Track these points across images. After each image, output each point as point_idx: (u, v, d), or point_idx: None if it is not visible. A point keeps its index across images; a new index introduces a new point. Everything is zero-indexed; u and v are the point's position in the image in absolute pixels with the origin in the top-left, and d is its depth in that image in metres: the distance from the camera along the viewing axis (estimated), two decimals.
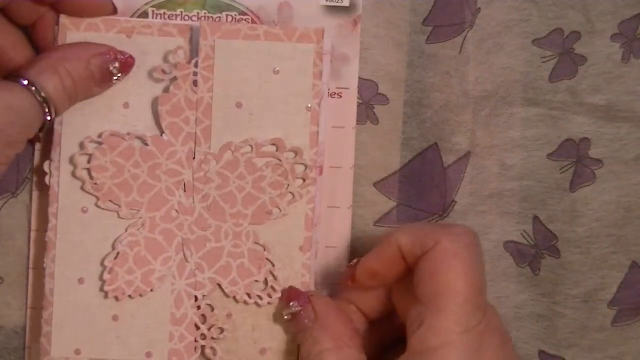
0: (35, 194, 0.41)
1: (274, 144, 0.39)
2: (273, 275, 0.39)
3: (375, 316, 0.39)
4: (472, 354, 0.33)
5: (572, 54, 0.43)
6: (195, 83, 0.39)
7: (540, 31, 0.42)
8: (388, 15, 0.41)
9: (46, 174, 0.39)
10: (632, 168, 0.43)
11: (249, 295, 0.39)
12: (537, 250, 0.43)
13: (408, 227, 0.37)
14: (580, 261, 0.43)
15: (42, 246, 0.40)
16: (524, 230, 0.43)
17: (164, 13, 0.40)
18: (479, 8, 0.42)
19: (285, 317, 0.38)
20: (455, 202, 0.43)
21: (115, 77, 0.38)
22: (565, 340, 0.43)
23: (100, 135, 0.39)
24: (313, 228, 0.40)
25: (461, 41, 0.42)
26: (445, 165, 0.42)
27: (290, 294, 0.38)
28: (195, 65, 0.39)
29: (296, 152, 0.39)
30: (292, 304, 0.37)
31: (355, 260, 0.38)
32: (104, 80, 0.38)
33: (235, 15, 0.41)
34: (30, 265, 0.41)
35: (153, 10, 0.40)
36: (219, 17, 0.41)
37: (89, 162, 0.39)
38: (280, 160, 0.39)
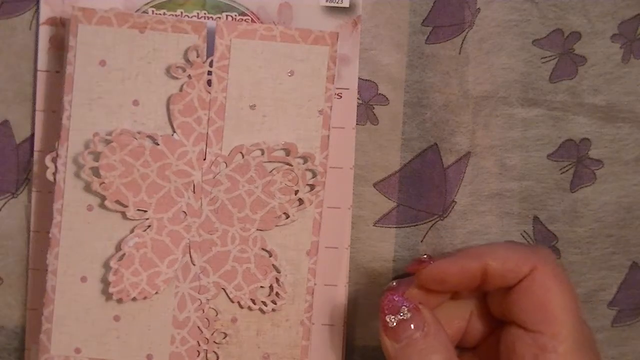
0: (35, 194, 0.41)
1: (285, 149, 0.39)
2: (278, 282, 0.39)
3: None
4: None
5: (572, 55, 0.43)
6: (209, 83, 0.39)
7: (541, 32, 0.42)
8: (388, 15, 0.41)
9: (47, 168, 0.39)
10: (633, 169, 0.43)
11: (253, 301, 0.39)
12: None
13: (498, 249, 0.36)
14: (580, 262, 0.43)
15: (42, 247, 0.40)
16: (524, 231, 0.43)
17: (164, 14, 0.40)
18: (479, 8, 0.42)
19: (391, 324, 0.34)
20: (455, 202, 0.42)
21: None
22: None
23: (109, 133, 0.38)
24: (320, 232, 0.39)
25: (461, 41, 0.42)
26: (445, 165, 0.42)
27: (391, 300, 0.35)
28: (210, 65, 0.39)
29: (307, 158, 0.39)
30: (403, 310, 0.34)
31: (425, 256, 0.36)
32: None
33: (235, 15, 0.41)
34: (30, 266, 0.41)
35: (153, 10, 0.40)
36: (219, 17, 0.41)
37: (97, 160, 0.38)
38: (291, 165, 0.39)
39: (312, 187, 0.39)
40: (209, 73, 0.39)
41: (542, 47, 0.42)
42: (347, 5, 0.41)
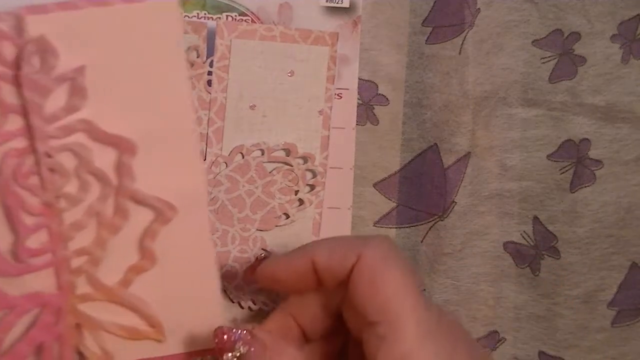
0: None
1: (285, 149, 0.39)
2: None
3: (315, 335, 0.35)
4: (445, 348, 0.31)
5: (572, 55, 0.43)
6: (209, 83, 0.39)
7: (540, 32, 0.42)
8: (388, 16, 0.41)
9: None
10: (632, 169, 0.43)
11: (253, 301, 0.39)
12: (537, 251, 0.43)
13: (324, 243, 0.34)
14: (580, 262, 0.43)
15: None
16: (524, 231, 0.43)
17: None
18: (479, 9, 0.42)
19: None
20: (455, 202, 0.43)
21: None
22: (565, 341, 0.43)
23: None
24: (320, 232, 0.39)
25: (461, 42, 0.42)
26: (445, 166, 0.42)
27: (222, 339, 0.33)
28: (211, 65, 0.39)
29: (307, 158, 0.39)
30: (238, 347, 0.32)
31: (262, 254, 0.36)
32: None
33: (236, 16, 0.41)
34: None
35: None
36: (219, 17, 0.41)
37: None
38: (291, 165, 0.39)
39: (312, 187, 0.39)
40: (209, 73, 0.39)
41: (542, 47, 0.42)
42: (347, 5, 0.41)
